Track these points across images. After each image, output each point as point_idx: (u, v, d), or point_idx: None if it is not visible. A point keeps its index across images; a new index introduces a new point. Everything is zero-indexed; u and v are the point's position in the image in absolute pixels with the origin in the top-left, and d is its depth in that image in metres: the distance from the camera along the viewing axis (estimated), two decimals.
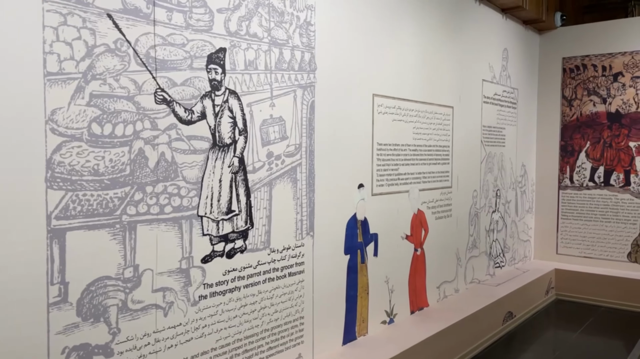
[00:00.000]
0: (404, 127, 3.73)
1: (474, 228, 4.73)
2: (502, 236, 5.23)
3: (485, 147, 4.85)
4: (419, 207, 3.94)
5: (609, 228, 5.51)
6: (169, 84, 2.18)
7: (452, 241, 4.38)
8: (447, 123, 4.23)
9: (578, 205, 5.68)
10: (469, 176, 4.60)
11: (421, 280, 3.99)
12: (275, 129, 2.68)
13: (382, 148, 3.51)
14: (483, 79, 4.76)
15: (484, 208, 4.87)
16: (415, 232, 3.90)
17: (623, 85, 5.37)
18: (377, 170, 3.48)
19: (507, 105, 5.21)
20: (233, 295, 2.50)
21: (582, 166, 5.64)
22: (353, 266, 3.28)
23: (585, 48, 5.58)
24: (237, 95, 2.47)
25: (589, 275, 5.39)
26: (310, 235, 2.94)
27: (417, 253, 3.94)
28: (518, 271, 5.41)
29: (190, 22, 2.26)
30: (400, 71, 3.65)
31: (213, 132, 2.37)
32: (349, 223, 3.23)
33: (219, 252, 2.42)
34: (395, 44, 3.59)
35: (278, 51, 2.68)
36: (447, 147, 4.25)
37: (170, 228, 2.21)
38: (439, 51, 4.09)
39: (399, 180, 3.70)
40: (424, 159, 3.97)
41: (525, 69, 5.58)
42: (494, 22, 4.92)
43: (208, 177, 2.35)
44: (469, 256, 4.65)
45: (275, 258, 2.72)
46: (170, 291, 2.22)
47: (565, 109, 5.72)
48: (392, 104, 3.59)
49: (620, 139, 5.40)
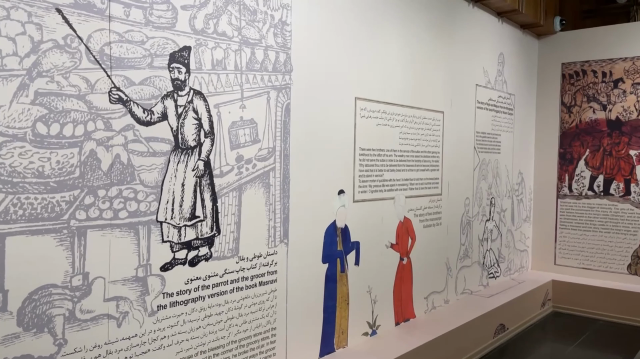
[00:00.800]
0: (390, 131, 3.61)
1: (466, 237, 4.58)
2: (496, 246, 5.08)
3: (478, 153, 4.71)
4: (406, 215, 3.81)
5: (608, 239, 5.34)
6: (126, 83, 2.08)
7: (441, 251, 4.25)
8: (437, 129, 4.11)
9: (577, 214, 5.52)
10: (460, 183, 4.46)
11: (407, 290, 3.85)
12: (245, 132, 2.57)
13: (365, 154, 3.39)
14: (477, 84, 4.63)
15: (477, 216, 4.73)
16: (401, 241, 3.77)
17: (623, 92, 5.21)
18: (360, 176, 3.36)
19: (502, 111, 5.07)
20: (196, 304, 2.39)
21: (581, 174, 5.48)
22: (332, 275, 3.16)
23: (585, 53, 5.44)
24: (203, 95, 2.37)
25: (587, 287, 5.22)
26: (285, 242, 2.82)
27: (403, 262, 3.80)
28: (513, 282, 5.25)
29: (151, 19, 2.16)
30: (385, 74, 3.54)
31: (175, 134, 2.27)
32: (327, 230, 3.11)
33: (180, 260, 2.31)
34: (380, 46, 3.48)
35: (250, 51, 2.58)
36: (436, 153, 4.12)
37: (126, 234, 2.10)
38: (428, 54, 3.98)
39: (384, 186, 3.58)
40: (411, 165, 3.84)
41: (522, 75, 5.44)
42: (489, 26, 4.79)
43: (169, 180, 2.24)
44: (460, 266, 4.50)
45: (245, 266, 2.61)
46: (125, 300, 2.11)
47: (565, 116, 5.57)
48: (376, 108, 3.47)
49: (620, 147, 5.24)
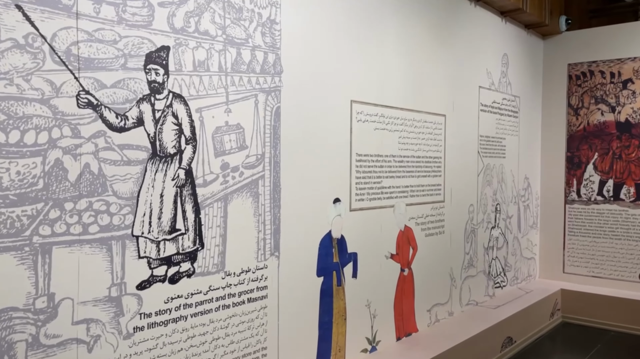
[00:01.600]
0: (388, 136, 3.43)
1: (471, 245, 4.39)
2: (502, 254, 4.88)
3: (482, 158, 4.52)
4: (406, 223, 3.62)
5: (619, 246, 5.12)
6: (97, 86, 1.92)
7: (445, 260, 4.05)
8: (438, 133, 3.92)
9: (586, 220, 5.31)
10: (464, 189, 4.27)
11: (409, 302, 3.66)
12: (231, 138, 2.40)
13: (362, 159, 3.21)
14: (480, 86, 4.44)
15: (481, 223, 4.53)
16: (402, 251, 3.58)
17: (633, 93, 5.01)
18: (357, 183, 3.18)
19: (507, 114, 4.88)
20: (177, 325, 2.21)
21: (590, 179, 5.27)
22: (327, 289, 2.97)
23: (592, 53, 5.25)
24: (183, 99, 2.20)
25: (597, 296, 5.00)
26: (276, 255, 2.64)
27: (404, 274, 3.61)
28: (521, 291, 5.04)
29: (124, 17, 1.99)
30: (383, 76, 3.36)
31: (153, 141, 2.10)
32: (322, 241, 2.93)
33: (159, 277, 2.13)
34: (378, 46, 3.31)
35: (235, 51, 2.41)
36: (438, 159, 3.93)
37: (97, 251, 1.93)
38: (428, 55, 3.80)
39: (383, 194, 3.39)
40: (412, 171, 3.66)
41: (527, 76, 5.25)
42: (492, 26, 4.62)
43: (146, 191, 2.07)
44: (464, 276, 4.30)
45: (232, 282, 2.43)
46: (97, 322, 1.93)
47: (572, 118, 5.37)
48: (373, 111, 3.29)
49: (630, 150, 5.03)
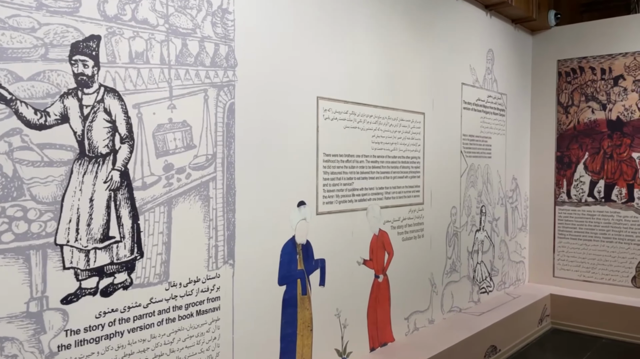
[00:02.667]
0: (360, 135, 3.23)
1: (453, 249, 4.19)
2: (488, 258, 4.68)
3: (466, 158, 4.32)
4: (381, 227, 3.43)
5: (610, 249, 4.93)
6: (11, 79, 1.72)
7: (424, 265, 3.85)
8: (416, 132, 3.73)
9: (576, 222, 5.11)
10: (445, 191, 4.08)
11: (384, 311, 3.46)
12: (176, 136, 2.21)
13: (330, 160, 3.02)
14: (463, 83, 4.25)
15: (465, 226, 4.34)
16: (376, 256, 3.39)
17: (624, 90, 4.82)
18: (324, 185, 2.98)
19: (493, 112, 4.69)
20: (112, 342, 2.01)
21: (580, 179, 5.07)
22: (291, 298, 2.77)
23: (583, 49, 5.05)
24: (117, 93, 2.00)
25: (588, 301, 4.80)
26: (230, 263, 2.44)
27: (379, 280, 3.41)
28: (508, 296, 4.85)
29: (45, 2, 1.80)
30: (354, 72, 3.17)
31: (80, 139, 1.90)
32: (284, 248, 2.73)
33: (89, 289, 1.93)
34: (348, 40, 3.11)
35: (180, 42, 2.21)
36: (417, 159, 3.74)
37: (12, 261, 1.73)
38: (405, 50, 3.60)
39: (354, 196, 3.20)
40: (387, 172, 3.46)
41: (515, 73, 5.05)
42: (476, 20, 4.42)
43: (72, 195, 1.88)
44: (446, 282, 4.10)
45: (177, 293, 2.23)
46: (12, 341, 1.74)
47: (561, 117, 5.18)
48: (343, 109, 3.10)
49: (622, 149, 4.83)
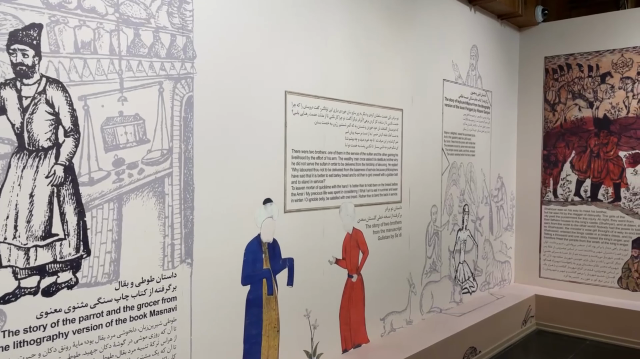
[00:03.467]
0: (333, 131, 3.15)
1: (433, 249, 4.11)
2: (471, 258, 4.60)
3: (447, 156, 4.24)
4: (355, 226, 3.35)
5: (597, 249, 4.84)
6: None
7: (402, 265, 3.77)
8: (394, 129, 3.64)
9: (562, 222, 5.03)
10: (425, 189, 3.99)
11: (358, 311, 3.38)
12: (127, 130, 2.13)
13: (300, 156, 2.93)
14: (444, 79, 4.16)
15: (446, 225, 4.25)
16: (350, 255, 3.31)
17: (612, 87, 4.73)
18: (293, 182, 2.90)
19: (477, 110, 4.60)
20: (55, 343, 1.93)
21: (567, 178, 4.99)
22: (255, 299, 2.69)
23: (570, 46, 4.96)
24: (61, 85, 1.92)
25: (574, 302, 4.72)
26: (187, 262, 2.36)
27: (353, 280, 3.33)
28: (492, 297, 4.77)
29: None
30: (326, 66, 3.09)
31: (19, 132, 1.82)
32: (249, 246, 2.65)
33: (29, 289, 1.86)
34: (319, 32, 3.03)
35: (132, 32, 2.13)
36: (394, 156, 3.65)
37: None
38: (382, 44, 3.52)
39: (326, 194, 3.12)
40: (362, 170, 3.38)
41: (501, 70, 4.97)
42: (458, 14, 4.33)
43: (9, 190, 1.80)
44: (426, 282, 4.02)
45: (129, 293, 2.15)
46: None
47: (548, 114, 5.09)
48: (314, 104, 3.01)
49: (608, 148, 4.75)
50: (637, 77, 4.59)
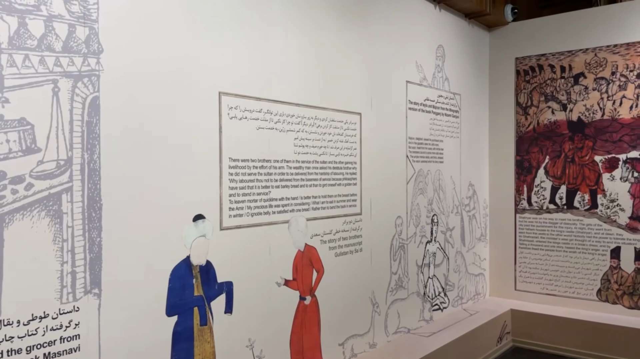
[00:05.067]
0: (279, 137, 2.82)
1: (399, 263, 3.79)
2: (442, 272, 4.30)
3: (413, 163, 3.94)
4: (308, 242, 3.01)
5: (574, 260, 4.58)
6: None
7: (364, 283, 3.45)
8: (351, 134, 3.33)
9: (538, 231, 4.76)
10: (389, 199, 3.68)
11: (312, 336, 3.04)
12: (9, 137, 1.77)
13: (239, 166, 2.60)
14: (408, 81, 3.87)
15: (414, 238, 3.95)
16: (302, 275, 2.97)
17: (585, 88, 4.50)
18: (231, 195, 2.56)
19: (445, 114, 4.32)
20: None
21: (542, 185, 4.73)
22: (184, 331, 2.34)
23: (541, 46, 4.73)
24: None
25: (551, 317, 4.43)
26: (94, 293, 2.00)
27: (306, 302, 2.99)
28: (465, 313, 4.46)
29: None
30: (270, 65, 2.76)
31: None
32: (175, 271, 2.30)
33: None
34: (260, 27, 2.71)
35: (15, 21, 1.78)
36: (352, 164, 3.34)
37: None
38: (337, 43, 3.21)
39: (272, 207, 2.78)
40: (315, 179, 3.05)
41: (470, 71, 4.70)
42: (422, 13, 4.06)
43: None
44: (391, 300, 3.70)
45: (14, 333, 1.78)
46: None
47: (521, 118, 4.84)
48: (256, 107, 2.68)
49: (583, 152, 4.50)
50: (611, 78, 4.36)
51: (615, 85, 4.34)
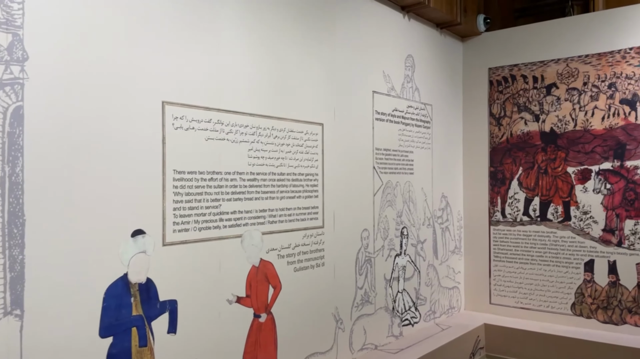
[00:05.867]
0: (231, 148, 2.72)
1: (365, 278, 3.69)
2: (412, 285, 4.19)
3: (381, 174, 3.85)
4: (263, 257, 2.91)
5: (548, 273, 4.49)
6: None
7: (326, 298, 3.34)
8: (312, 145, 3.24)
9: (512, 244, 4.68)
10: (354, 212, 3.59)
11: (268, 355, 2.92)
12: None
13: (185, 178, 2.49)
14: (374, 91, 3.79)
15: (381, 251, 3.85)
16: (256, 291, 2.86)
17: (557, 99, 4.44)
18: (176, 208, 2.45)
19: (415, 124, 4.24)
20: None
21: (515, 197, 4.65)
22: (121, 353, 2.22)
23: (514, 56, 4.68)
24: None
25: (525, 332, 4.33)
26: (15, 314, 1.88)
27: (260, 320, 2.88)
28: (437, 327, 4.35)
29: None
30: (220, 73, 2.67)
31: None
32: (110, 289, 2.18)
33: None
34: (209, 33, 2.62)
35: None
36: (314, 176, 3.24)
37: None
38: (297, 51, 3.13)
39: (223, 221, 2.67)
40: (272, 192, 2.95)
41: (443, 82, 4.64)
42: (390, 22, 3.99)
43: None
44: (357, 316, 3.59)
45: None
46: None
47: (494, 129, 4.77)
48: (204, 117, 2.59)
49: (556, 164, 4.44)
50: (583, 88, 4.31)
51: (587, 96, 4.29)
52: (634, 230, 4.06)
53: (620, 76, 4.14)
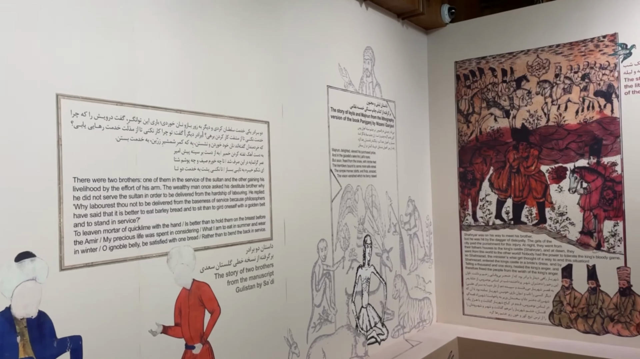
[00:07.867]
0: (151, 150, 2.30)
1: (323, 294, 3.29)
2: (378, 299, 3.81)
3: (339, 178, 3.47)
4: (196, 277, 2.48)
5: (524, 280, 4.17)
6: None
7: (276, 320, 2.92)
8: (256, 146, 2.84)
9: (485, 249, 4.34)
10: (308, 220, 3.19)
11: None
12: None
13: (90, 187, 2.06)
14: (329, 86, 3.42)
15: (341, 263, 3.46)
16: (188, 319, 2.43)
17: (528, 93, 4.14)
18: (78, 224, 2.02)
19: (377, 123, 3.88)
20: None
21: (487, 199, 4.33)
22: None
23: (481, 48, 4.36)
24: None
25: (501, 345, 3.99)
26: None
27: (194, 352, 2.45)
28: (407, 344, 3.98)
29: None
30: (135, 61, 2.25)
31: None
32: None
33: None
34: (124, 12, 2.20)
35: None
36: (259, 181, 2.84)
37: None
38: (235, 38, 2.73)
39: (142, 237, 2.24)
40: (206, 201, 2.54)
41: (406, 76, 4.29)
42: (345, 11, 3.63)
43: None
44: (314, 337, 3.19)
45: None
46: None
47: (462, 126, 4.45)
48: (115, 113, 2.16)
49: (529, 162, 4.13)
50: (555, 80, 4.01)
51: (559, 89, 4.00)
52: (614, 232, 3.77)
53: (594, 66, 3.85)
